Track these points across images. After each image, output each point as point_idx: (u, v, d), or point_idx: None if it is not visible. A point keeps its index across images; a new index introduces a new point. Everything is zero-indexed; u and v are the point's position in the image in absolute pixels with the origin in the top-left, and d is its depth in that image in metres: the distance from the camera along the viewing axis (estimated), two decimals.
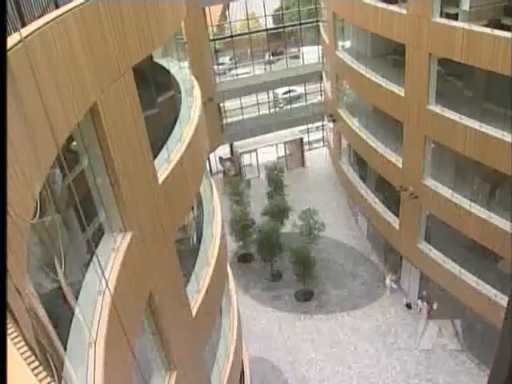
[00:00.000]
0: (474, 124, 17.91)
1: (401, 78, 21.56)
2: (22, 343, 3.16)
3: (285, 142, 40.07)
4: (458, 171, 20.94)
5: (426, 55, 19.32)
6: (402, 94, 21.52)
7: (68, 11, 6.66)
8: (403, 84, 21.44)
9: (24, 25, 5.73)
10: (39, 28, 5.72)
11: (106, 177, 8.20)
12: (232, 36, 37.87)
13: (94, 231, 8.30)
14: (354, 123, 28.36)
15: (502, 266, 19.25)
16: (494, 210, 18.64)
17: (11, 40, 5.14)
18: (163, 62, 13.41)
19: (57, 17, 6.27)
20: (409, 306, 25.85)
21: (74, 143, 7.71)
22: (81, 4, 7.06)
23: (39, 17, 6.26)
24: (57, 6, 6.73)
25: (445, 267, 21.69)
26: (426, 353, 23.44)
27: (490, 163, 17.93)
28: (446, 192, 20.49)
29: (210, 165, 32.33)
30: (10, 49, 4.95)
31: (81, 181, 7.86)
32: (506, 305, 15.56)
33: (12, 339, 3.15)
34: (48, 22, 5.98)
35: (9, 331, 3.13)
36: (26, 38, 5.23)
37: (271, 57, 40.42)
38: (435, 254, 22.38)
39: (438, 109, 19.64)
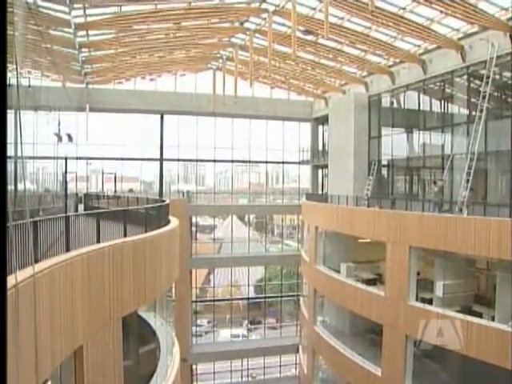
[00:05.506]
0: None
1: (378, 357, 21.61)
2: None
3: None
4: None
5: (402, 336, 19.73)
6: (379, 374, 21.32)
7: (76, 256, 7.21)
8: (380, 363, 21.40)
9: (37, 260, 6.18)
10: (50, 266, 6.16)
11: None
12: (214, 300, 38.78)
13: None
14: None
15: None
16: None
17: (23, 273, 5.52)
18: (147, 316, 13.71)
19: (66, 259, 6.78)
20: None
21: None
22: (89, 252, 7.66)
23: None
24: (67, 250, 7.29)
25: None
26: None
27: None
28: None
29: None
30: (21, 282, 5.29)
31: None
32: None
33: None
34: (58, 263, 6.45)
35: None
36: (37, 273, 5.62)
37: (249, 325, 40.75)
38: None
39: None
